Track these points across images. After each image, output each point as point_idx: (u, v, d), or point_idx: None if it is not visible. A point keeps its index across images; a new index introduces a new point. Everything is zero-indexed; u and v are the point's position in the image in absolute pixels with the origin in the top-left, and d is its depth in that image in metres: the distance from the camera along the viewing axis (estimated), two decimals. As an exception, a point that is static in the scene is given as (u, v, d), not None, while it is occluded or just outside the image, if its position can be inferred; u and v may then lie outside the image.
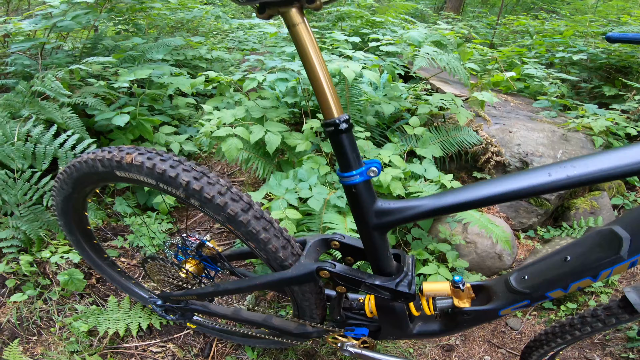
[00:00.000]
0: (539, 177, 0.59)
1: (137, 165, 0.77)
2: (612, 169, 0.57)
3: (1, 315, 1.36)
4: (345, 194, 0.66)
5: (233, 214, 0.75)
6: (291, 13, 0.59)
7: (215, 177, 0.77)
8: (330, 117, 0.60)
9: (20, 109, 1.57)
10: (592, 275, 0.63)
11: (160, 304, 1.13)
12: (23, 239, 1.45)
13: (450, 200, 0.63)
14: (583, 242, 0.68)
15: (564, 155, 1.62)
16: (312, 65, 0.59)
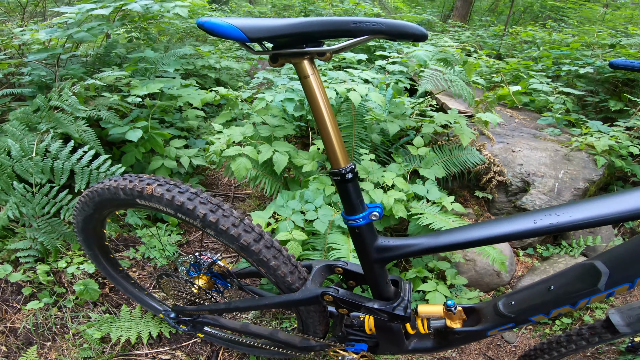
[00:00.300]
0: (525, 224, 0.66)
1: (157, 197, 0.85)
2: (593, 217, 0.63)
3: (16, 322, 1.45)
4: (349, 232, 0.74)
5: (246, 244, 0.83)
6: (303, 65, 0.66)
7: (229, 209, 0.85)
8: (337, 166, 0.68)
9: (38, 123, 1.67)
10: (572, 303, 0.71)
11: (173, 316, 1.22)
12: (40, 250, 1.54)
13: (444, 241, 0.71)
14: (566, 274, 0.75)
15: (565, 175, 1.68)
16: (321, 117, 0.66)
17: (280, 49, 0.65)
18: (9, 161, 1.51)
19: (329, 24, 0.59)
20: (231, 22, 0.62)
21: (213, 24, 0.62)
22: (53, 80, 2.13)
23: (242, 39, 0.60)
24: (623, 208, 0.62)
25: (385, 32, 0.58)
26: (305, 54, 0.65)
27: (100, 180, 1.51)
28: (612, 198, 0.64)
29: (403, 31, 0.59)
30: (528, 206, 1.65)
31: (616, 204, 0.63)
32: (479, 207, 1.76)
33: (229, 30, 0.61)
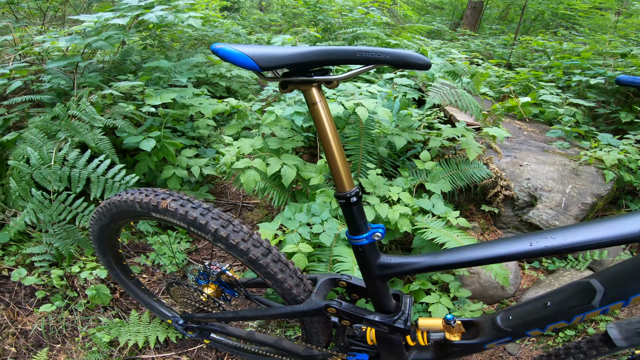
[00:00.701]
0: (521, 246, 0.70)
1: (171, 211, 0.91)
2: (587, 241, 0.67)
3: (28, 324, 1.52)
4: (352, 250, 0.79)
5: (254, 258, 0.88)
6: (311, 92, 0.71)
7: (239, 224, 0.91)
8: (342, 190, 0.73)
9: (57, 131, 1.76)
10: (567, 319, 0.75)
11: (181, 322, 1.28)
12: (55, 254, 1.62)
13: (442, 260, 0.75)
14: (563, 291, 0.79)
15: (572, 190, 1.69)
16: (328, 143, 0.72)
17: (290, 77, 0.70)
18: (28, 168, 1.60)
19: (336, 53, 0.64)
20: (243, 51, 0.67)
21: (226, 51, 0.67)
22: (71, 88, 2.24)
23: (253, 68, 0.65)
24: (615, 233, 0.66)
25: (389, 61, 0.62)
26: (313, 82, 0.70)
27: (116, 190, 1.60)
28: (607, 222, 0.68)
29: (407, 61, 0.62)
30: (535, 220, 1.67)
31: (610, 228, 0.67)
32: (485, 220, 1.79)
33: (241, 59, 0.66)
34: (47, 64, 2.21)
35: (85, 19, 2.04)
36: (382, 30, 3.11)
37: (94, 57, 2.68)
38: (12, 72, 2.08)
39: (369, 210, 1.39)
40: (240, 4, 5.51)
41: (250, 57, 0.64)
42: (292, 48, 0.66)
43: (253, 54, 0.66)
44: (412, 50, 2.54)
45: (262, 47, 0.69)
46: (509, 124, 2.36)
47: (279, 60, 0.66)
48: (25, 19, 3.26)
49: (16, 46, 2.46)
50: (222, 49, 0.68)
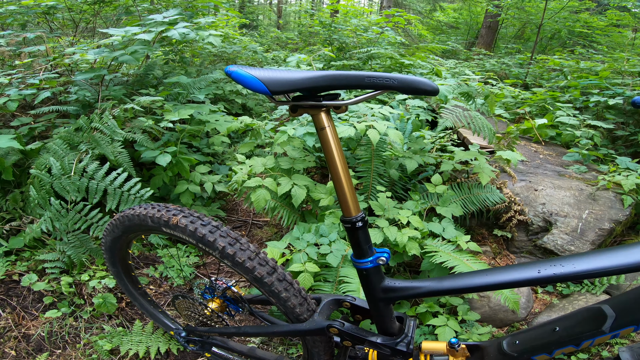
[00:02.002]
0: (529, 273, 0.70)
1: (181, 227, 0.95)
2: (595, 269, 0.68)
3: (32, 328, 1.56)
4: (357, 272, 0.80)
5: (259, 276, 0.91)
6: (320, 117, 0.74)
7: (246, 243, 0.94)
8: (348, 215, 0.75)
9: (79, 143, 1.86)
10: (575, 344, 0.73)
11: (184, 335, 1.30)
12: (67, 262, 1.68)
13: (447, 285, 0.76)
14: (573, 317, 0.78)
15: (589, 215, 1.66)
16: (335, 168, 0.74)
17: (300, 101, 0.73)
18: (49, 178, 1.69)
19: (344, 78, 0.67)
20: (255, 75, 0.70)
21: (239, 74, 0.71)
22: (96, 100, 2.36)
23: (265, 92, 0.69)
24: (624, 261, 0.66)
25: (397, 87, 0.65)
26: (322, 107, 0.73)
27: (131, 203, 1.67)
28: (615, 251, 0.68)
29: (415, 87, 0.64)
30: (549, 246, 1.64)
31: (619, 257, 0.67)
32: (497, 245, 1.77)
33: (253, 83, 0.70)
34: (75, 76, 2.34)
35: (113, 32, 2.16)
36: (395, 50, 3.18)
37: (120, 70, 2.83)
38: (42, 82, 2.20)
39: (378, 233, 1.40)
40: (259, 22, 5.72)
41: (261, 81, 0.68)
42: (301, 72, 0.69)
43: (264, 77, 0.69)
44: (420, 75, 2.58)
45: (273, 71, 0.72)
46: (525, 146, 2.34)
47: (289, 85, 0.69)
48: (58, 29, 3.48)
49: (48, 57, 2.61)
50: (235, 71, 0.71)
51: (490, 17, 5.50)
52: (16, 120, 2.27)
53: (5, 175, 1.85)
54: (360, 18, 3.09)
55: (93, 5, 2.85)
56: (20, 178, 1.98)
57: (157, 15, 2.27)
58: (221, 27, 3.07)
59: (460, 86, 1.88)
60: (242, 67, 0.75)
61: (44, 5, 2.67)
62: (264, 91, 0.69)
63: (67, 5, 2.89)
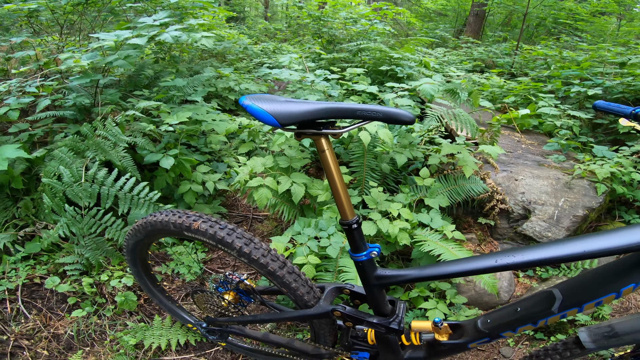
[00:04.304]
0: (489, 262, 0.91)
1: (202, 231, 1.15)
2: (540, 259, 0.88)
3: (59, 328, 1.77)
4: (354, 264, 1.02)
5: (272, 270, 1.12)
6: (320, 142, 0.93)
7: (259, 242, 1.14)
8: (345, 219, 0.96)
9: (85, 150, 2.02)
10: (533, 322, 0.95)
11: (205, 326, 1.52)
12: (85, 264, 1.88)
13: (427, 273, 0.97)
14: (531, 298, 0.99)
15: (565, 203, 1.90)
16: (334, 182, 0.94)
17: (303, 129, 0.92)
18: (61, 186, 1.86)
19: (340, 111, 0.86)
20: (267, 110, 0.88)
21: (254, 109, 0.89)
22: (92, 104, 2.50)
23: (275, 125, 0.88)
24: (564, 252, 0.86)
25: (382, 118, 0.84)
26: (322, 134, 0.92)
27: (141, 206, 1.85)
28: (559, 244, 0.88)
29: (396, 118, 0.83)
30: (528, 232, 1.88)
31: (561, 248, 0.88)
32: (482, 232, 2.00)
33: (266, 117, 0.88)
34: (71, 81, 2.46)
35: (105, 37, 2.28)
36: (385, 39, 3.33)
37: (112, 72, 2.95)
38: (40, 89, 2.33)
39: (371, 225, 1.62)
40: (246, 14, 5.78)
41: (272, 115, 0.87)
42: (304, 105, 0.87)
43: (275, 112, 0.88)
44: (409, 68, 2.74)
45: (280, 102, 0.90)
46: (508, 136, 2.56)
47: (294, 118, 0.88)
48: (42, 30, 3.55)
49: (38, 61, 2.72)
50: (250, 105, 0.90)
51: (477, 6, 5.66)
52: (14, 127, 2.41)
53: (15, 184, 2.02)
54: (348, 9, 3.23)
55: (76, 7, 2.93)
56: (29, 185, 2.15)
57: (147, 19, 2.39)
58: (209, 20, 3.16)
59: (445, 84, 2.07)
60: (254, 99, 0.93)
61: (26, 8, 2.75)
62: (275, 124, 0.87)
63: (49, 8, 2.97)
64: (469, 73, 3.63)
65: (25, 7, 2.72)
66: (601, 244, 0.82)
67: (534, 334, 1.68)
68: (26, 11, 2.82)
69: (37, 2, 2.78)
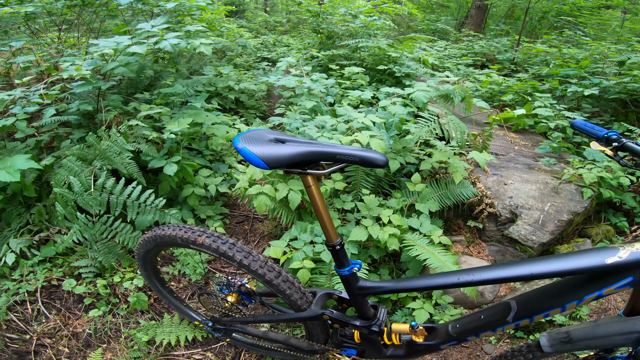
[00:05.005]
0: (453, 279, 1.09)
1: (206, 245, 1.35)
2: (494, 278, 1.05)
3: (78, 327, 2.00)
4: (339, 277, 1.21)
5: (269, 279, 1.32)
6: (306, 179, 1.10)
7: (257, 255, 1.34)
8: (330, 241, 1.15)
9: (92, 160, 2.22)
10: (492, 329, 1.13)
11: (210, 325, 1.75)
12: (98, 267, 2.10)
13: (402, 285, 1.17)
14: (493, 308, 1.17)
15: (551, 208, 2.06)
16: (319, 212, 1.12)
17: (290, 168, 1.07)
18: (72, 195, 2.07)
19: (322, 154, 1.02)
20: (257, 154, 1.03)
21: (246, 153, 1.05)
22: (95, 109, 2.69)
23: (264, 168, 1.04)
24: (515, 273, 1.03)
25: (359, 162, 0.99)
26: (308, 173, 1.08)
27: (148, 213, 2.06)
28: (513, 265, 1.05)
29: (371, 162, 0.99)
30: (514, 235, 2.06)
31: (513, 270, 1.04)
32: (471, 234, 2.19)
33: (256, 162, 1.03)
34: (74, 88, 2.64)
35: (104, 44, 2.44)
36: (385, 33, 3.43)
37: (113, 75, 3.12)
38: (44, 97, 2.52)
39: (363, 231, 1.81)
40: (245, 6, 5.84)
41: (261, 159, 1.03)
42: (291, 149, 1.03)
43: (264, 156, 1.03)
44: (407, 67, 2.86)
45: (269, 146, 1.05)
46: (503, 137, 2.71)
47: (281, 162, 1.03)
48: (40, 31, 3.71)
49: (39, 66, 2.90)
50: (242, 149, 1.06)
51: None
52: (20, 132, 2.61)
53: (28, 192, 2.23)
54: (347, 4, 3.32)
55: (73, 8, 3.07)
56: (40, 192, 2.37)
57: (146, 24, 2.53)
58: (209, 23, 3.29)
59: (438, 89, 2.22)
60: (246, 140, 1.07)
61: (23, 12, 2.90)
62: (264, 167, 1.03)
63: (46, 10, 3.12)
64: (469, 68, 3.73)
65: (22, 10, 2.87)
66: (548, 268, 0.98)
67: (514, 332, 1.88)
68: (23, 14, 2.98)
69: (33, 4, 2.94)
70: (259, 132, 1.13)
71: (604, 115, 2.81)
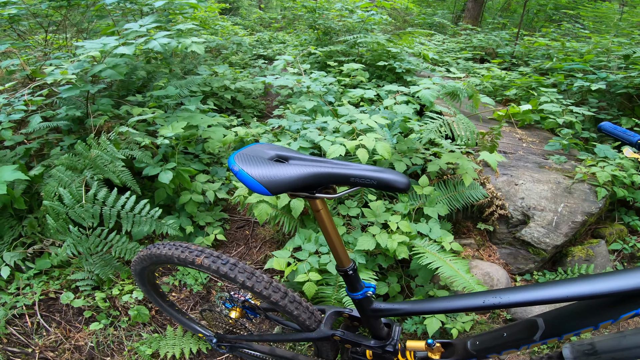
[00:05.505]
0: (477, 301, 1.00)
1: (205, 266, 1.24)
2: (523, 301, 0.96)
3: (80, 340, 1.91)
4: (353, 302, 1.11)
5: (275, 301, 1.22)
6: (315, 203, 0.96)
7: (260, 275, 1.23)
8: (342, 267, 1.04)
9: (82, 169, 2.09)
10: (516, 347, 1.04)
11: (215, 341, 1.65)
12: (96, 280, 1.99)
13: (418, 308, 1.07)
14: (516, 326, 1.09)
15: (564, 209, 1.96)
16: (330, 238, 1.00)
17: (296, 192, 0.90)
18: (63, 208, 1.94)
19: (333, 177, 0.86)
20: (257, 178, 0.85)
21: (244, 177, 0.86)
22: (85, 114, 2.54)
23: (266, 194, 0.87)
24: (546, 296, 0.94)
25: (376, 185, 0.82)
26: (316, 197, 0.92)
27: (144, 224, 1.94)
28: (542, 288, 0.96)
29: (390, 185, 0.81)
30: (527, 238, 1.96)
31: (543, 292, 0.95)
32: (481, 237, 2.09)
33: (256, 187, 0.85)
34: (61, 92, 2.50)
35: (90, 46, 2.28)
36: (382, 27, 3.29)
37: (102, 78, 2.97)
38: (29, 104, 2.37)
39: (370, 240, 1.71)
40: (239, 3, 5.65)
41: (262, 184, 0.84)
42: (296, 170, 0.86)
43: (265, 180, 0.85)
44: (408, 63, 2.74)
45: (270, 167, 0.87)
46: (509, 133, 2.60)
47: (285, 187, 0.85)
48: (26, 33, 3.54)
49: (24, 70, 2.74)
50: (239, 172, 0.87)
51: (476, -10, 5.53)
52: (8, 141, 2.46)
53: (18, 204, 2.11)
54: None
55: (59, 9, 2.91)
56: (31, 203, 2.24)
57: (134, 24, 2.38)
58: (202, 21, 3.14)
59: (444, 87, 2.09)
60: (242, 159, 0.90)
61: (6, 14, 2.73)
62: (265, 193, 0.85)
63: (31, 12, 2.95)
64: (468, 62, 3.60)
65: (4, 12, 2.71)
66: (587, 289, 0.88)
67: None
68: (7, 17, 2.81)
69: (16, 7, 2.77)
70: (256, 149, 0.98)
71: (609, 110, 2.70)
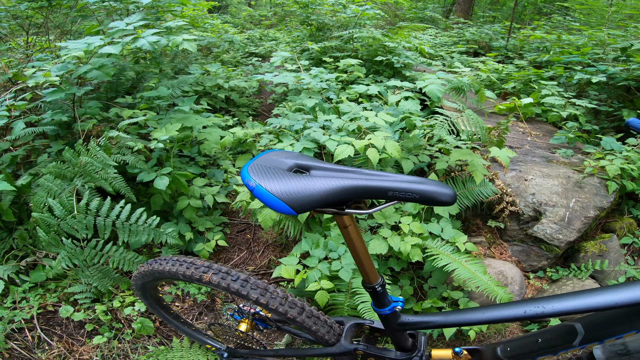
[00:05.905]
0: (517, 311, 0.93)
1: (214, 284, 1.13)
2: (569, 309, 0.89)
3: (84, 354, 1.78)
4: (378, 316, 1.02)
5: (292, 317, 1.12)
6: (342, 219, 0.85)
7: (274, 290, 1.13)
8: (370, 283, 0.96)
9: (72, 177, 1.94)
10: (553, 353, 0.98)
11: (227, 356, 1.54)
12: (94, 292, 1.87)
13: (452, 320, 0.99)
14: (552, 331, 1.02)
15: (576, 204, 1.90)
16: (358, 255, 0.91)
17: (324, 208, 0.77)
18: (54, 220, 1.80)
19: (367, 191, 0.74)
20: (279, 196, 0.71)
21: (263, 194, 0.73)
22: (72, 118, 2.38)
23: (291, 214, 0.75)
24: (596, 303, 0.87)
25: (418, 200, 0.71)
26: (344, 214, 0.81)
27: (141, 233, 1.81)
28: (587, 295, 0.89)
29: (434, 199, 0.70)
30: (539, 235, 1.90)
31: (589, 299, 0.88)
32: (492, 234, 2.02)
33: (279, 206, 0.72)
34: (45, 96, 2.33)
35: (73, 46, 2.11)
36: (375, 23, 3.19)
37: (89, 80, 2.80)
38: (12, 109, 2.19)
39: (382, 243, 1.62)
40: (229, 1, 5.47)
41: (286, 203, 0.72)
42: (325, 183, 0.74)
43: (288, 198, 0.72)
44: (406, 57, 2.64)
45: (293, 180, 0.75)
46: (513, 127, 2.53)
47: (313, 204, 0.73)
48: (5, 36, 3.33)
49: (5, 74, 2.56)
50: (256, 189, 0.73)
51: (466, -17, 5.48)
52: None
53: (6, 216, 1.95)
54: (337, -8, 3.08)
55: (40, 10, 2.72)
56: (20, 214, 2.08)
57: (120, 22, 2.22)
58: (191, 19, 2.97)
59: (450, 81, 2.01)
60: (257, 172, 0.77)
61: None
62: (290, 213, 0.72)
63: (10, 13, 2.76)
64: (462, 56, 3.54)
65: (-18, 14, 2.52)
66: (631, 296, 0.84)
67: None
68: (-16, 20, 2.62)
69: (-7, 8, 2.58)
70: (271, 158, 0.84)
71: (608, 101, 2.66)
